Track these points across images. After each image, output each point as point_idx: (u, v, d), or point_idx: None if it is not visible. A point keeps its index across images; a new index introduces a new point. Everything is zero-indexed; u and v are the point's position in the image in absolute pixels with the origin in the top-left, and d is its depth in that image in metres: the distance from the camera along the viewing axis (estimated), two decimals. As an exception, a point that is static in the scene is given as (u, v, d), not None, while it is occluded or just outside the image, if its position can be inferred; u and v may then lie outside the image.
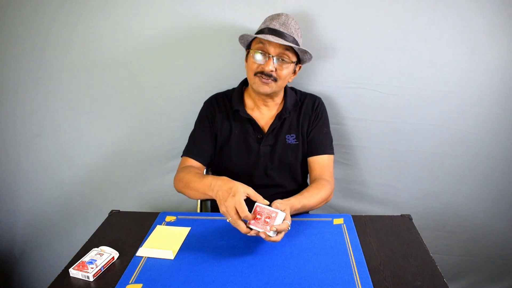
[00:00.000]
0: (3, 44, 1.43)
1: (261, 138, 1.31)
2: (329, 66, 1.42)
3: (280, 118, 1.30)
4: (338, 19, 1.36)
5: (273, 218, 0.97)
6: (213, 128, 1.32)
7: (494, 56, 1.36)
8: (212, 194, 1.06)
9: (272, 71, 1.20)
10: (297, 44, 1.21)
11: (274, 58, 1.19)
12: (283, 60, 1.20)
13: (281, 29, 1.19)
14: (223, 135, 1.32)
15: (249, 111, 1.32)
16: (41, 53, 1.43)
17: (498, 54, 1.35)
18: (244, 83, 1.35)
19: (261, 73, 1.20)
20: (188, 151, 1.31)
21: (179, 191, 1.24)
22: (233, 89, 1.37)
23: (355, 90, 1.44)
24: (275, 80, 1.21)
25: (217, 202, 1.02)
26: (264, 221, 0.97)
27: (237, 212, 0.96)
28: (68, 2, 1.38)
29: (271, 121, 1.32)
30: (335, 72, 1.43)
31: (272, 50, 1.19)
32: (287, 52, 1.20)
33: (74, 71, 1.46)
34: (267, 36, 1.17)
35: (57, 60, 1.44)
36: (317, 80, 1.44)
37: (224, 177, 1.06)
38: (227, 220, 0.99)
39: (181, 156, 1.31)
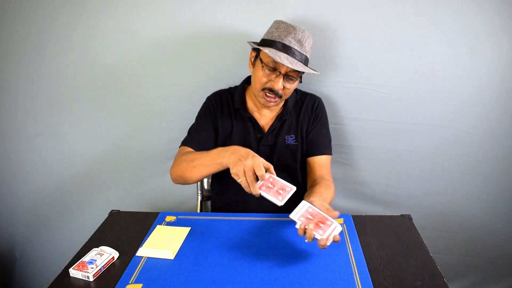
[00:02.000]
0: (3, 44, 1.43)
1: (260, 137, 1.31)
2: (329, 66, 1.42)
3: (280, 119, 1.30)
4: (338, 19, 1.36)
5: (286, 192, 0.98)
6: (215, 122, 1.31)
7: (494, 56, 1.36)
8: (222, 160, 1.05)
9: (281, 89, 1.19)
10: (307, 61, 1.21)
11: (284, 76, 1.18)
12: (290, 79, 1.20)
13: (295, 47, 1.16)
14: (225, 132, 1.31)
15: (250, 111, 1.32)
16: (41, 53, 1.43)
17: (498, 54, 1.35)
18: (247, 82, 1.35)
19: (269, 90, 1.20)
20: (188, 141, 1.29)
21: (178, 177, 1.20)
22: (236, 86, 1.37)
23: (355, 90, 1.44)
24: (281, 96, 1.21)
25: (231, 164, 1.01)
26: (277, 191, 0.98)
27: (253, 174, 0.97)
28: (68, 2, 1.38)
29: (272, 121, 1.32)
30: (335, 72, 1.43)
31: (284, 69, 1.17)
32: (297, 72, 1.19)
33: (74, 71, 1.46)
34: (282, 58, 1.13)
35: (57, 60, 1.44)
36: (318, 80, 1.44)
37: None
38: (239, 181, 0.98)
39: (180, 146, 1.29)
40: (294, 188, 0.99)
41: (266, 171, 1.00)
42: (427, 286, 0.88)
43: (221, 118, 1.31)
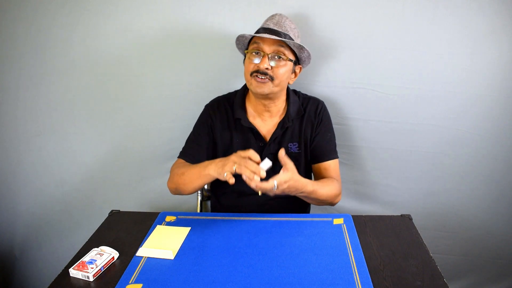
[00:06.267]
0: (3, 44, 1.43)
1: (262, 146, 1.28)
2: (329, 67, 1.42)
3: (282, 127, 1.27)
4: (338, 19, 1.36)
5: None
6: (212, 135, 1.30)
7: (494, 56, 1.36)
8: (209, 171, 1.09)
9: (267, 68, 1.17)
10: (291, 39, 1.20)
11: (269, 56, 1.18)
12: (279, 58, 1.19)
13: (275, 28, 1.18)
14: (224, 144, 1.30)
15: (250, 119, 1.29)
16: (41, 53, 1.43)
17: (498, 54, 1.35)
18: (246, 88, 1.34)
19: (257, 72, 1.19)
20: (183, 153, 1.30)
21: (174, 190, 1.25)
22: (236, 92, 1.35)
23: (355, 90, 1.44)
24: (272, 79, 1.19)
25: (219, 167, 1.05)
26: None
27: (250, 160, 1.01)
28: (68, 2, 1.38)
29: (273, 129, 1.28)
30: (335, 72, 1.42)
31: (267, 48, 1.18)
32: (283, 49, 1.18)
33: (74, 71, 1.46)
34: (262, 33, 1.16)
35: (57, 60, 1.44)
36: (318, 81, 1.44)
37: None
38: (228, 175, 1.02)
39: (177, 158, 1.31)
40: (266, 159, 1.04)
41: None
42: (427, 286, 0.89)
43: (219, 130, 1.29)
